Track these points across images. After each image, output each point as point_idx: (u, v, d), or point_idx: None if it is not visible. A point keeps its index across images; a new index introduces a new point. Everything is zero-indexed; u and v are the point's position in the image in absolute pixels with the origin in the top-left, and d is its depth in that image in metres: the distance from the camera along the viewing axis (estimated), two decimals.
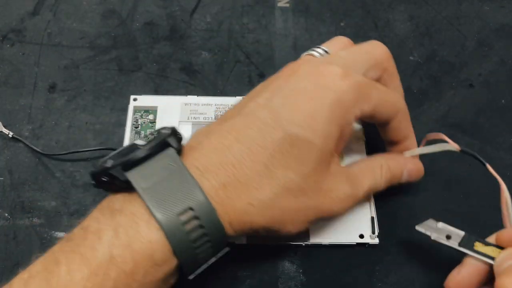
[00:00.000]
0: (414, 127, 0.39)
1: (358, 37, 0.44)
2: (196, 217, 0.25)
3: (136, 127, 0.37)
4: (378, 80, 0.32)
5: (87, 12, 0.45)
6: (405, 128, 0.32)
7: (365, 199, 0.33)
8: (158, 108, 0.37)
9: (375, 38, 0.44)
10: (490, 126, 0.39)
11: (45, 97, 0.39)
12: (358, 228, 0.33)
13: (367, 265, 0.33)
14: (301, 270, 0.32)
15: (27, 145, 0.36)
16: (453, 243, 0.29)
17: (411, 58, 0.43)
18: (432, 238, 0.29)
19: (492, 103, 0.40)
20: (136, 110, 0.38)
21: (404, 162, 0.33)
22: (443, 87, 0.41)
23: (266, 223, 0.27)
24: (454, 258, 0.34)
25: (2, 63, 0.41)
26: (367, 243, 0.33)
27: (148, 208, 0.24)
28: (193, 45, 0.43)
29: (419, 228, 0.30)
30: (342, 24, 0.45)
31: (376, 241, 0.33)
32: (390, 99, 0.31)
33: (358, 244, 0.33)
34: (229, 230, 0.26)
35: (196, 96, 0.38)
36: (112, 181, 0.25)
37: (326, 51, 0.32)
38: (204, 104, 0.38)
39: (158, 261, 0.24)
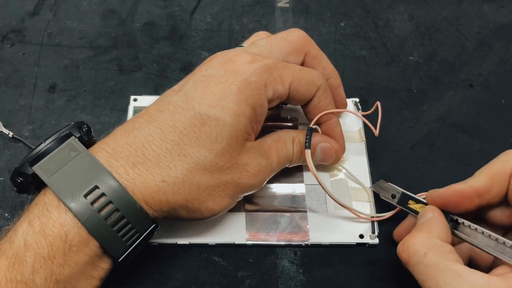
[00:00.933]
0: (414, 127, 0.39)
1: (358, 37, 0.44)
2: (103, 194, 0.26)
3: None
4: (302, 64, 0.32)
5: (87, 12, 0.45)
6: (326, 106, 0.32)
7: (279, 169, 0.32)
8: None
9: (375, 38, 0.44)
10: (490, 125, 0.39)
11: (45, 97, 0.39)
12: (358, 228, 0.33)
13: (367, 265, 0.33)
14: (301, 270, 0.32)
15: (27, 145, 0.36)
16: (394, 201, 0.32)
17: (411, 58, 0.43)
18: (381, 196, 0.33)
19: (492, 103, 0.40)
20: (136, 110, 0.38)
21: (319, 139, 0.33)
22: (443, 87, 0.41)
23: (183, 200, 0.27)
24: None
25: (2, 63, 0.41)
26: (367, 243, 0.33)
27: (55, 194, 0.25)
28: (193, 45, 0.43)
29: (372, 188, 0.34)
30: (342, 24, 0.45)
31: (376, 241, 0.33)
32: (305, 76, 0.31)
33: (358, 244, 0.33)
34: (147, 209, 0.27)
35: None
36: (27, 180, 0.27)
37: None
38: None
39: (73, 242, 0.25)
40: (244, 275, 0.32)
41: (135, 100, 0.38)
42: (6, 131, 0.37)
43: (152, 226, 0.28)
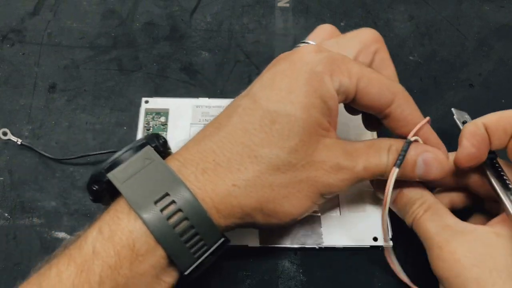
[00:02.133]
0: None
1: None
2: (173, 202, 0.25)
3: (148, 130, 0.37)
4: (369, 65, 0.30)
5: (87, 12, 0.45)
6: (411, 115, 0.29)
7: (367, 179, 0.29)
8: (170, 110, 0.37)
9: None
10: None
11: (45, 97, 0.39)
12: (371, 231, 0.33)
13: (367, 265, 0.33)
14: (301, 270, 0.32)
15: (36, 151, 0.36)
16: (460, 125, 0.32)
17: (411, 58, 0.43)
18: (454, 117, 0.33)
19: (492, 103, 0.40)
20: (148, 112, 0.37)
21: (422, 149, 0.29)
22: (443, 87, 0.41)
23: (256, 203, 0.26)
24: None
25: (2, 63, 0.41)
26: (381, 246, 0.32)
27: (126, 200, 0.25)
28: (193, 45, 0.43)
29: (454, 110, 0.34)
30: (342, 24, 0.45)
31: (390, 243, 0.32)
32: (378, 77, 0.28)
33: (372, 247, 0.32)
34: (216, 217, 0.26)
35: (207, 98, 0.38)
36: (102, 187, 0.26)
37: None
38: (215, 106, 0.37)
39: (140, 251, 0.24)
40: (244, 275, 0.32)
41: (146, 102, 0.38)
42: (14, 138, 0.36)
43: (222, 240, 0.27)
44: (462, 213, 0.31)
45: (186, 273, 0.26)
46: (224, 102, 0.38)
